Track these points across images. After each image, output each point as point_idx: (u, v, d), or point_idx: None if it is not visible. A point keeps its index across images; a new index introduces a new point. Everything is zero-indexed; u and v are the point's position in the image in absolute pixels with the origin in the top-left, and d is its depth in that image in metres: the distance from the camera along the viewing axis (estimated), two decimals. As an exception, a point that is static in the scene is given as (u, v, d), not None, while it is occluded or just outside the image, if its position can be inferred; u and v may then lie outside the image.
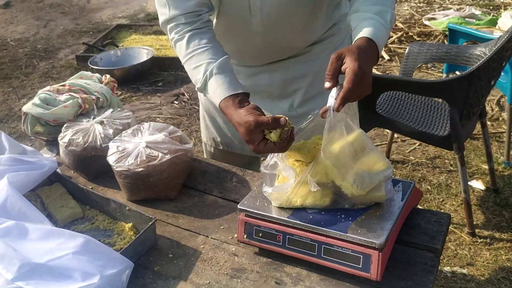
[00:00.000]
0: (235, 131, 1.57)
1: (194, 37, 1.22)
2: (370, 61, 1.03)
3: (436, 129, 2.00)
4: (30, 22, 5.88)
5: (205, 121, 1.67)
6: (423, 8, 5.61)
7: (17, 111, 3.49)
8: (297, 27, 1.34)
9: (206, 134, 1.69)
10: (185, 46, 1.22)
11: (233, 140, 1.62)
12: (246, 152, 1.63)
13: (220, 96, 1.13)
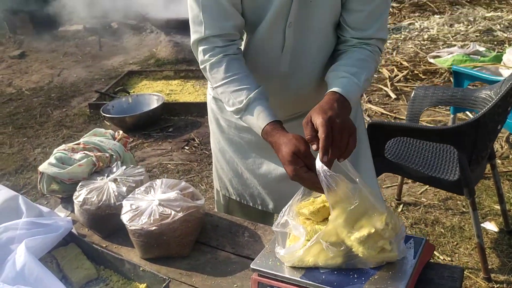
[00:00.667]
0: (245, 184, 1.60)
1: (233, 62, 1.24)
2: (339, 110, 1.08)
3: (446, 174, 2.01)
4: (44, 71, 6.06)
5: (217, 172, 1.70)
6: (427, 46, 5.69)
7: (31, 161, 3.55)
8: (318, 72, 1.38)
9: (219, 184, 1.72)
10: (224, 70, 1.23)
11: (244, 193, 1.64)
12: (257, 206, 1.64)
13: (267, 119, 1.17)
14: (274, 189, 1.56)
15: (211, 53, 1.25)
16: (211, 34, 1.23)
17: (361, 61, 1.25)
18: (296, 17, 1.27)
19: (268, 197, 1.59)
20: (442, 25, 6.45)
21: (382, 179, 2.92)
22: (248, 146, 1.55)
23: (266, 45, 1.34)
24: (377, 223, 1.03)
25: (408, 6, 7.40)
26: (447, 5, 7.27)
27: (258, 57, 1.37)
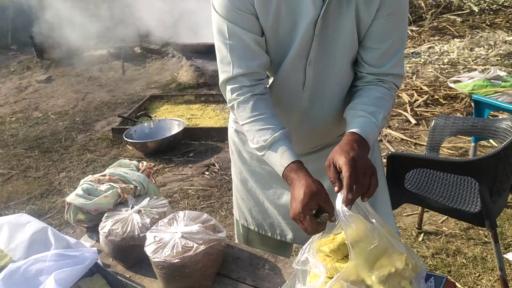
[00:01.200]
0: (265, 213, 1.63)
1: (260, 102, 1.28)
2: (359, 150, 1.13)
3: (467, 205, 2.00)
4: (69, 96, 6.24)
5: (237, 201, 1.73)
6: (448, 70, 5.67)
7: (56, 185, 3.64)
8: (337, 106, 1.41)
9: (238, 213, 1.75)
10: (250, 109, 1.27)
11: (263, 223, 1.66)
12: (276, 236, 1.66)
13: (291, 158, 1.20)
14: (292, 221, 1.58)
15: (238, 92, 1.29)
16: (239, 73, 1.28)
17: (379, 99, 1.28)
18: (316, 55, 1.31)
19: (287, 227, 1.62)
20: (462, 49, 6.44)
21: (402, 207, 2.90)
22: (269, 177, 1.58)
23: (288, 82, 1.38)
24: (397, 262, 1.05)
25: (428, 29, 7.41)
26: (467, 28, 7.25)
27: (280, 93, 1.41)
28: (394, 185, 2.14)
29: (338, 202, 1.07)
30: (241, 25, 1.25)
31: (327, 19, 1.24)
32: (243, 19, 1.24)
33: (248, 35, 1.26)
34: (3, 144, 4.73)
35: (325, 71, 1.35)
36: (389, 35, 1.28)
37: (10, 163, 4.20)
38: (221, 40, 1.28)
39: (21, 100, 6.29)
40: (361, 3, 1.23)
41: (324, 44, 1.30)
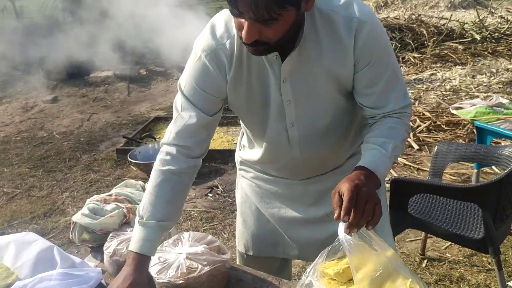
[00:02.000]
0: (267, 236, 1.64)
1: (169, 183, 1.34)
2: (366, 181, 1.14)
3: (470, 232, 2.00)
4: (75, 116, 6.30)
5: (239, 226, 1.74)
6: (450, 97, 5.72)
7: (59, 205, 3.65)
8: (333, 149, 1.45)
9: (239, 239, 1.75)
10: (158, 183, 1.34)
11: (264, 244, 1.67)
12: (278, 255, 1.67)
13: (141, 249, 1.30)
14: (299, 237, 1.60)
15: (163, 160, 1.35)
16: (172, 143, 1.34)
17: (389, 129, 1.28)
18: (296, 117, 1.35)
19: (293, 244, 1.63)
20: (464, 76, 6.50)
21: (405, 233, 2.90)
22: (273, 196, 1.61)
23: (274, 141, 1.44)
24: (402, 287, 1.05)
25: (430, 56, 7.49)
26: (468, 56, 7.34)
27: (269, 147, 1.47)
28: (398, 210, 2.15)
29: (340, 231, 1.09)
30: (196, 103, 1.31)
31: (294, 84, 1.28)
32: (201, 98, 1.31)
33: (199, 114, 1.31)
34: (7, 163, 4.76)
35: (311, 129, 1.38)
36: (378, 79, 1.27)
37: (14, 182, 4.22)
38: (175, 109, 1.36)
39: (27, 120, 6.35)
40: (332, 63, 1.24)
41: (303, 106, 1.33)
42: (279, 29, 1.09)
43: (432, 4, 16.02)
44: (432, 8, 15.58)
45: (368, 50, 1.22)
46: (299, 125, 1.36)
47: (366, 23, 1.19)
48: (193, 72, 1.30)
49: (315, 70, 1.26)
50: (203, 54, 1.27)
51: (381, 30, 1.25)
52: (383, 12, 15.75)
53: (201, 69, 1.29)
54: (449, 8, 15.22)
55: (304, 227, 1.58)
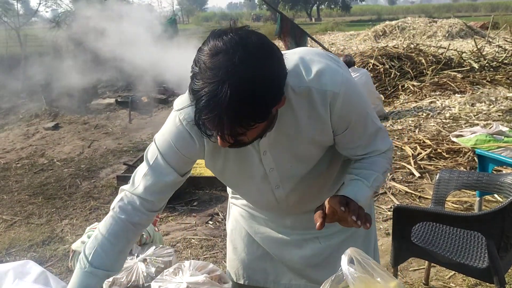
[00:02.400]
0: (257, 262, 1.62)
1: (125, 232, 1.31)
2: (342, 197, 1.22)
3: (475, 261, 1.97)
4: (76, 143, 6.31)
5: (230, 253, 1.72)
6: (450, 124, 5.75)
7: (58, 233, 3.62)
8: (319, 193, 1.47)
9: (230, 267, 1.73)
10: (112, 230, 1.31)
11: (255, 272, 1.65)
12: (269, 285, 1.65)
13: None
14: (290, 260, 1.58)
15: (124, 208, 1.32)
16: (137, 194, 1.31)
17: (371, 162, 1.32)
18: (281, 180, 1.37)
19: (284, 268, 1.61)
20: (464, 104, 6.55)
21: (409, 262, 2.86)
22: (263, 221, 1.61)
23: (260, 199, 1.46)
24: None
25: (429, 85, 7.57)
26: (467, 84, 7.41)
27: (255, 203, 1.52)
28: (401, 239, 2.13)
29: (344, 264, 1.08)
30: (170, 162, 1.29)
31: (275, 154, 1.30)
32: (176, 158, 1.29)
33: (171, 173, 1.30)
34: (7, 190, 4.74)
35: (297, 185, 1.40)
36: (359, 137, 1.30)
37: (13, 210, 4.19)
38: (146, 161, 1.33)
39: (28, 147, 6.36)
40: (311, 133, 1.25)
41: (286, 170, 1.35)
42: (253, 135, 1.09)
43: (430, 34, 16.31)
44: (430, 37, 15.85)
45: (345, 118, 1.24)
46: (284, 186, 1.38)
47: (339, 94, 1.18)
48: (171, 133, 1.27)
49: (294, 141, 1.27)
50: (183, 122, 1.25)
51: (355, 95, 1.23)
52: (381, 41, 16.00)
53: (180, 134, 1.27)
54: (447, 37, 15.49)
55: (298, 250, 1.57)
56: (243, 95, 0.96)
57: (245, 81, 0.95)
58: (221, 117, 0.97)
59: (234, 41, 0.98)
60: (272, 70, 1.01)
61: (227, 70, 0.95)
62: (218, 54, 0.97)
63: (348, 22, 36.17)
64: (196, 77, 1.00)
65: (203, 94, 0.97)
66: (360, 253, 1.19)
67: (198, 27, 38.81)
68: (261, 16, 49.65)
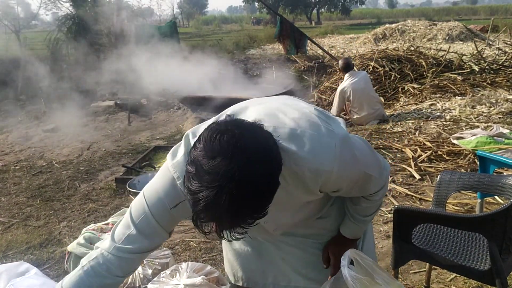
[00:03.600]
0: (256, 265, 1.60)
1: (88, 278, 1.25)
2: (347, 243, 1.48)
3: (476, 263, 1.95)
4: (74, 145, 6.29)
5: (228, 254, 1.70)
6: (450, 127, 5.73)
7: (56, 235, 3.59)
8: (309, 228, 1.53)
9: (228, 268, 1.71)
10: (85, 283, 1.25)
11: (255, 273, 1.63)
12: (268, 286, 1.63)
13: None
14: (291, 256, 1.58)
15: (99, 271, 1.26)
16: (120, 254, 1.25)
17: (364, 209, 1.44)
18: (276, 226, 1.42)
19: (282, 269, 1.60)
20: (464, 106, 6.53)
21: (409, 264, 2.83)
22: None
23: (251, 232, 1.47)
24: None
25: (429, 87, 7.55)
26: (468, 87, 7.39)
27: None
28: (401, 241, 2.10)
29: (343, 266, 1.07)
30: (159, 219, 1.24)
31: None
32: (166, 215, 1.24)
33: (160, 232, 1.26)
34: (5, 192, 4.71)
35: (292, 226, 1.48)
36: (350, 190, 1.32)
37: (11, 212, 4.16)
38: (130, 217, 1.27)
39: (27, 149, 6.33)
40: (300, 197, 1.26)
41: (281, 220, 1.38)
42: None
43: (430, 37, 16.31)
44: (430, 40, 15.85)
45: (337, 187, 1.26)
46: (282, 228, 1.44)
47: (332, 172, 1.16)
48: (163, 189, 1.22)
49: (285, 202, 1.26)
50: (177, 180, 1.20)
51: (350, 164, 1.21)
52: (382, 44, 16.01)
53: (173, 191, 1.22)
54: (447, 40, 15.49)
55: (297, 249, 1.57)
56: (242, 200, 0.95)
57: (243, 186, 0.94)
58: (220, 220, 0.97)
59: (232, 144, 0.96)
60: (269, 170, 0.99)
61: (226, 175, 0.94)
62: (215, 158, 0.95)
63: (348, 25, 36.24)
64: (192, 177, 0.97)
65: (201, 198, 0.95)
66: (360, 254, 1.18)
67: (198, 30, 38.88)
68: (261, 19, 49.76)
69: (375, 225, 3.36)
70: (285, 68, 11.28)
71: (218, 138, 0.97)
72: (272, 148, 1.02)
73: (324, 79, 9.57)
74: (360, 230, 1.52)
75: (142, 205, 1.25)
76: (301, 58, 11.57)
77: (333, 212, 1.54)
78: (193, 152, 0.99)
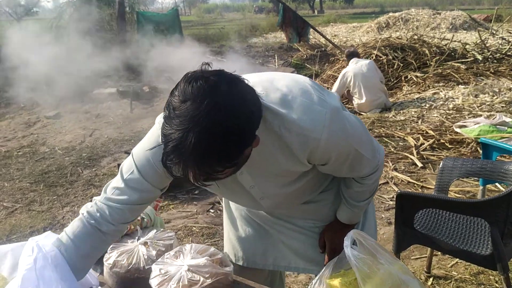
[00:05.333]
0: (257, 246, 1.61)
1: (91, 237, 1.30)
2: (343, 229, 1.43)
3: (478, 248, 1.96)
4: (77, 132, 6.30)
5: (229, 234, 1.71)
6: (453, 115, 5.71)
7: (60, 220, 3.61)
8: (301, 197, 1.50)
9: (229, 248, 1.73)
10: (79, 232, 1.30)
11: (255, 254, 1.65)
12: (268, 267, 1.65)
13: None
14: (291, 239, 1.60)
15: (93, 215, 1.31)
16: (107, 203, 1.30)
17: (357, 193, 1.44)
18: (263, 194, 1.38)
19: (284, 249, 1.62)
20: (467, 95, 6.50)
21: (410, 250, 2.85)
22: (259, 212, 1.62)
23: (249, 205, 1.53)
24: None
25: (432, 76, 7.52)
26: (471, 75, 7.36)
27: (246, 206, 1.57)
28: (403, 226, 2.11)
29: (346, 245, 1.07)
30: (148, 178, 1.27)
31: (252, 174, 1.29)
32: (153, 173, 1.27)
33: (145, 187, 1.28)
34: (8, 178, 4.73)
35: (281, 200, 1.44)
36: (339, 167, 1.30)
37: (14, 197, 4.18)
38: (120, 174, 1.32)
39: (29, 135, 6.34)
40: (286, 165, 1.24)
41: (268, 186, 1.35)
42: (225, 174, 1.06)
43: (434, 26, 16.19)
44: (434, 29, 15.74)
45: (325, 158, 1.23)
46: (269, 197, 1.40)
47: (320, 140, 1.15)
48: (150, 147, 1.25)
49: (273, 167, 1.26)
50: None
51: (339, 134, 1.19)
52: (385, 33, 15.90)
53: (159, 149, 1.20)
54: (450, 29, 15.38)
55: (296, 232, 1.59)
56: (208, 146, 0.95)
57: (210, 131, 0.94)
58: (186, 163, 0.97)
59: (203, 89, 0.96)
60: (241, 118, 0.98)
61: (193, 118, 0.94)
62: (186, 102, 0.96)
63: (351, 14, 35.95)
64: (166, 121, 0.99)
65: (170, 140, 0.96)
66: (362, 235, 1.18)
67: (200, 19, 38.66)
68: (264, 8, 49.40)
69: (377, 211, 3.38)
70: (287, 57, 11.23)
71: (192, 83, 0.97)
72: (247, 102, 1.00)
73: (326, 67, 9.53)
74: (356, 215, 1.51)
75: (131, 163, 1.30)
76: (303, 47, 11.50)
77: (330, 197, 1.54)
78: (169, 97, 1.01)
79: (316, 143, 1.15)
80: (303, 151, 1.17)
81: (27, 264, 1.24)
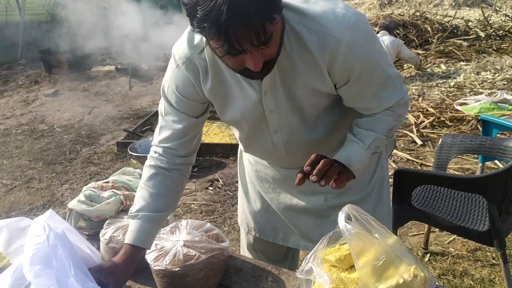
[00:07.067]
0: (268, 221, 1.61)
1: (158, 176, 1.37)
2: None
3: (475, 224, 1.96)
4: (76, 110, 6.27)
5: (243, 205, 1.72)
6: (454, 93, 5.67)
7: (59, 197, 3.62)
8: (320, 143, 1.39)
9: (243, 218, 1.73)
10: (147, 177, 1.38)
11: (266, 228, 1.65)
12: (278, 241, 1.65)
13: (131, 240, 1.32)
14: (299, 223, 1.58)
15: (152, 157, 1.40)
16: (159, 145, 1.38)
17: (373, 122, 1.27)
18: (280, 125, 1.32)
19: (292, 230, 1.61)
20: (469, 73, 6.45)
21: (408, 227, 2.86)
22: (273, 181, 1.59)
23: (258, 143, 1.44)
24: (405, 274, 1.01)
25: (434, 53, 7.44)
26: (473, 53, 7.29)
27: (252, 145, 1.48)
28: (401, 202, 2.11)
29: (341, 220, 1.06)
30: (180, 108, 1.33)
31: (275, 96, 1.24)
32: (184, 104, 1.32)
33: (184, 118, 1.34)
34: (7, 155, 4.73)
35: (296, 133, 1.35)
36: (365, 89, 1.21)
37: (13, 174, 4.19)
38: (160, 114, 1.39)
39: (28, 113, 6.32)
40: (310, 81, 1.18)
41: (286, 114, 1.30)
42: (275, 42, 1.04)
43: (437, 2, 15.95)
44: (436, 6, 15.51)
45: (347, 70, 1.15)
46: (283, 131, 1.35)
47: (342, 41, 1.09)
48: (173, 78, 1.30)
49: (294, 85, 1.21)
50: (180, 61, 1.26)
51: (363, 41, 1.13)
52: (387, 9, 15.69)
53: (179, 76, 1.28)
54: (453, 6, 15.16)
55: (304, 215, 1.56)
56: None
57: None
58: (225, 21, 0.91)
59: None
60: None
61: None
62: None
63: (353, -10, 35.46)
64: None
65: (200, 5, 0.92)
66: (358, 209, 1.17)
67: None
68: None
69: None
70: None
71: None
72: None
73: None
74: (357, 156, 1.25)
75: (162, 99, 1.37)
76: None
77: None
78: None
79: (337, 44, 1.09)
80: (323, 53, 1.11)
81: (37, 242, 1.23)
